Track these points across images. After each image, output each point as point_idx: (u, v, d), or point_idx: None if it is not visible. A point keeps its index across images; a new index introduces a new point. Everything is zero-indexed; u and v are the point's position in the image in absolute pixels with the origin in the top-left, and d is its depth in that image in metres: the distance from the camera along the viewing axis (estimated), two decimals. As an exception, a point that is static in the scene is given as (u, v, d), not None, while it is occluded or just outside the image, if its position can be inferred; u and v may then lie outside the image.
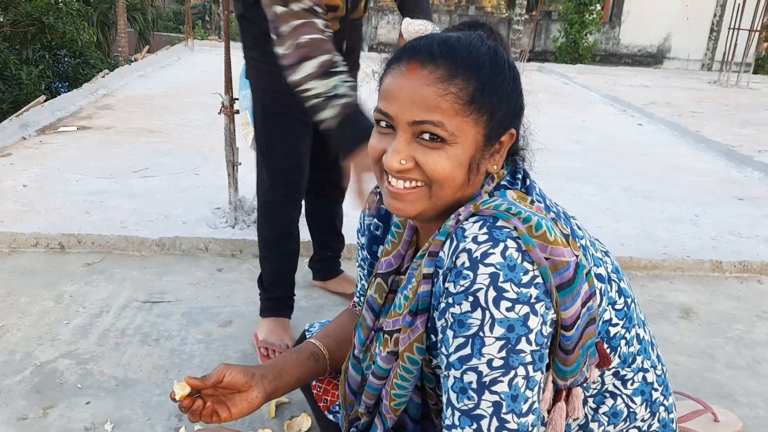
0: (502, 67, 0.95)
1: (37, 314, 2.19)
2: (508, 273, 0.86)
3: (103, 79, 6.75)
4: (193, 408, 1.08)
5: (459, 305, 0.88)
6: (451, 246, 0.91)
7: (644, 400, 1.09)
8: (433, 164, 0.94)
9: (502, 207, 0.91)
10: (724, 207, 3.79)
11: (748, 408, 1.92)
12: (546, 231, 0.89)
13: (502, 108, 0.95)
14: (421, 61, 0.93)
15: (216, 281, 2.52)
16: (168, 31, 23.11)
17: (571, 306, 0.90)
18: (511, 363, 0.87)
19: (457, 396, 0.90)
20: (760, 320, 2.48)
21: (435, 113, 0.91)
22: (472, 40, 0.96)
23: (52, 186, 3.40)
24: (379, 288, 1.15)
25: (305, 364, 1.26)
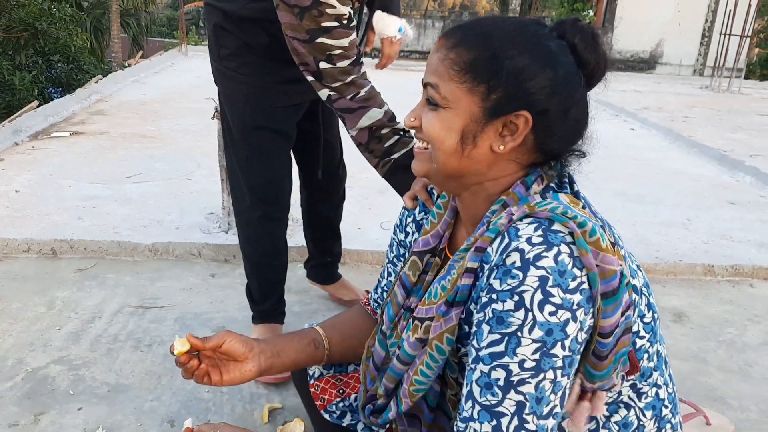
0: (520, 45, 0.94)
1: (29, 320, 2.18)
2: (558, 278, 0.86)
3: (97, 85, 6.74)
4: (188, 366, 1.11)
5: (503, 302, 0.88)
6: (501, 243, 0.91)
7: (654, 415, 1.09)
8: (426, 123, 1.00)
9: (558, 210, 0.90)
10: (716, 211, 3.81)
11: (739, 411, 1.92)
12: (599, 238, 0.88)
13: (506, 84, 0.94)
14: (447, 34, 1.00)
15: (209, 287, 2.52)
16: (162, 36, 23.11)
17: (611, 315, 0.90)
18: (542, 366, 0.87)
19: (481, 390, 0.90)
20: (752, 324, 2.49)
21: (434, 76, 0.98)
22: (501, 20, 0.98)
23: (45, 192, 3.39)
24: (413, 265, 1.16)
25: (305, 349, 1.28)
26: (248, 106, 1.83)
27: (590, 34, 0.98)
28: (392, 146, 1.52)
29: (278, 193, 1.97)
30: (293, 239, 2.87)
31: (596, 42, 0.98)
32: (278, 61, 1.73)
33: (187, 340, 1.10)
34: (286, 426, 1.69)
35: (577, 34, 0.97)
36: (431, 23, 18.28)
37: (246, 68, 1.80)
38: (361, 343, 1.28)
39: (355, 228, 3.08)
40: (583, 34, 0.97)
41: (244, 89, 1.82)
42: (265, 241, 2.02)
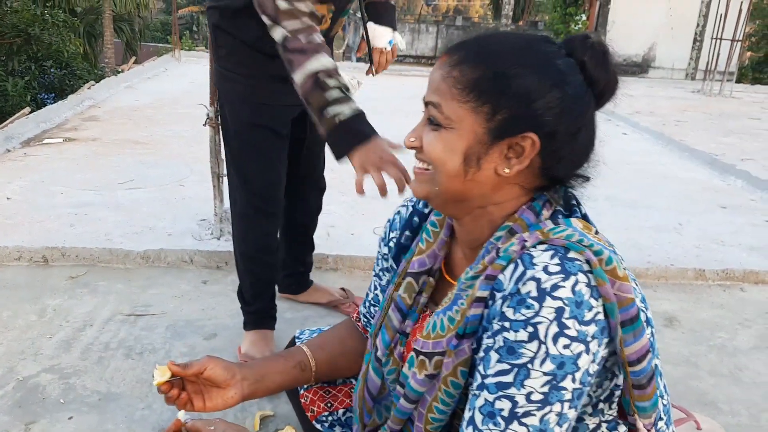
0: (528, 64, 0.90)
1: (20, 328, 2.17)
2: (574, 309, 0.83)
3: (89, 91, 6.73)
4: (169, 394, 1.10)
5: (515, 332, 0.85)
6: (515, 271, 0.87)
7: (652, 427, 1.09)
8: (428, 144, 0.95)
9: (574, 238, 0.87)
10: (707, 215, 3.83)
11: (730, 415, 1.93)
12: (616, 266, 0.86)
13: (512, 104, 0.90)
14: (449, 50, 0.96)
15: (201, 294, 2.51)
16: (155, 41, 23.09)
17: (634, 342, 0.87)
18: (550, 399, 0.85)
19: (483, 419, 0.88)
20: (742, 328, 2.50)
21: (436, 95, 0.94)
22: (507, 36, 0.95)
23: (36, 198, 3.38)
24: (409, 287, 1.12)
25: (290, 372, 1.25)
26: (245, 104, 1.89)
27: (601, 51, 0.93)
28: (336, 100, 1.48)
29: (272, 188, 2.00)
30: (286, 245, 2.88)
31: (607, 60, 0.94)
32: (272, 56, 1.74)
33: (167, 368, 1.09)
34: (277, 434, 1.69)
35: (587, 52, 0.93)
36: (425, 28, 18.33)
37: (242, 67, 1.86)
38: (349, 362, 1.25)
39: (347, 234, 3.08)
40: (594, 52, 0.93)
41: (240, 88, 1.88)
42: (260, 236, 2.04)
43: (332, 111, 1.47)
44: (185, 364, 1.11)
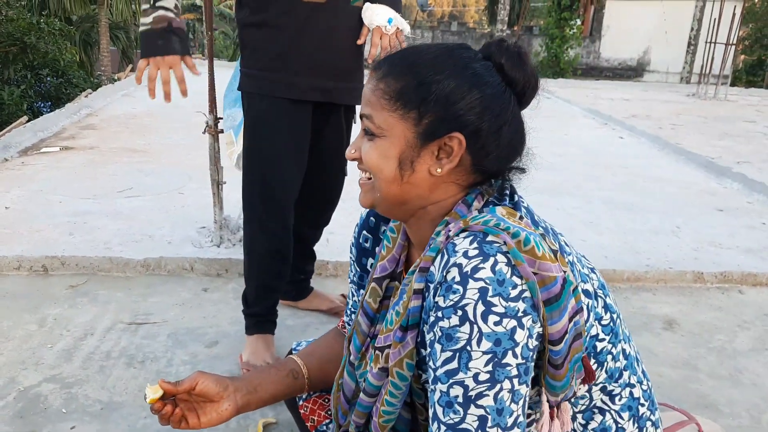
0: (446, 69, 0.97)
1: (20, 338, 2.17)
2: (497, 287, 0.87)
3: (86, 99, 6.74)
4: (163, 412, 1.10)
5: (448, 319, 0.89)
6: (441, 261, 0.93)
7: (632, 416, 1.10)
8: (365, 153, 1.02)
9: (491, 222, 0.93)
10: (704, 218, 3.84)
11: (731, 418, 1.94)
12: (534, 246, 0.90)
13: (436, 108, 0.96)
14: (376, 66, 1.03)
15: (202, 301, 2.51)
16: (151, 49, 23.07)
17: (558, 321, 0.91)
18: (497, 377, 0.88)
19: (443, 410, 0.91)
20: (741, 330, 2.51)
21: (367, 107, 1.01)
22: (425, 48, 1.01)
23: (35, 208, 3.38)
24: (373, 293, 1.16)
25: (283, 381, 1.27)
26: (264, 100, 1.89)
27: (516, 53, 1.00)
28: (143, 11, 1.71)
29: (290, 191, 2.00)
30: (285, 252, 2.88)
31: (523, 60, 1.00)
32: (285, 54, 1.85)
33: (159, 386, 1.09)
34: (280, 441, 1.69)
35: (503, 55, 0.99)
36: (421, 33, 18.39)
37: (260, 63, 1.89)
38: (338, 368, 1.26)
39: (347, 240, 3.08)
40: (509, 54, 1.00)
41: (256, 83, 1.90)
42: (273, 241, 2.02)
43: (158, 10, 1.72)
44: (176, 382, 1.12)
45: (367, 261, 1.27)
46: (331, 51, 1.88)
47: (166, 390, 1.10)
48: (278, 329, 2.30)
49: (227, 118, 2.66)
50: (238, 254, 2.82)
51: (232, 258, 2.77)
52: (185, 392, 1.13)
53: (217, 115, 2.79)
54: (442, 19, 20.42)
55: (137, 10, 17.51)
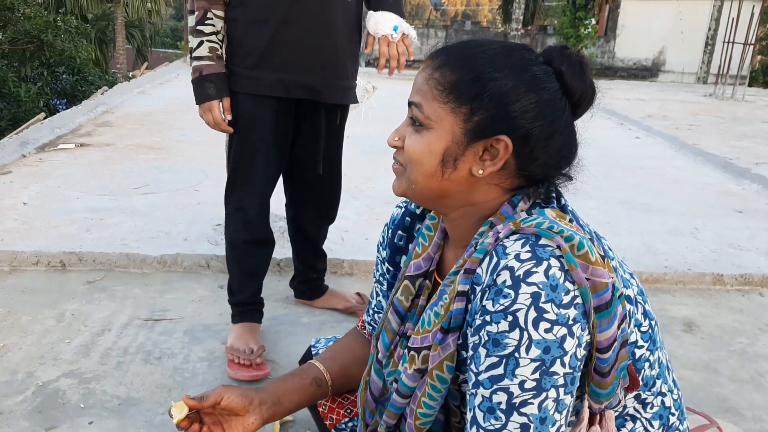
0: (505, 68, 0.94)
1: (39, 333, 2.18)
2: (550, 293, 0.85)
3: (102, 96, 6.78)
4: (190, 430, 1.10)
5: (497, 324, 0.87)
6: (490, 263, 0.90)
7: (662, 425, 1.09)
8: (409, 143, 0.99)
9: (544, 225, 0.90)
10: (723, 220, 3.80)
11: (753, 422, 1.91)
12: (588, 251, 0.88)
13: (489, 106, 0.93)
14: (433, 54, 1.00)
15: (218, 298, 2.51)
16: (165, 47, 23.23)
17: (607, 328, 0.89)
18: (544, 385, 0.86)
19: (484, 415, 0.89)
20: (762, 333, 2.48)
21: (418, 95, 0.98)
22: (486, 42, 0.98)
23: (52, 204, 3.40)
24: (406, 290, 1.14)
25: (307, 389, 1.26)
26: (247, 98, 1.91)
27: (578, 62, 0.97)
28: (194, 49, 1.82)
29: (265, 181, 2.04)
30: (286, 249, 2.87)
31: (583, 70, 0.97)
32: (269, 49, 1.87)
33: (184, 403, 1.08)
34: (297, 439, 1.69)
35: (564, 62, 0.97)
36: (434, 32, 18.35)
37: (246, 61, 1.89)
38: (361, 370, 1.25)
39: (362, 238, 3.08)
40: (571, 62, 0.97)
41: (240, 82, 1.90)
42: (255, 229, 2.07)
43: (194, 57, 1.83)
44: (201, 397, 1.11)
45: (401, 258, 1.24)
46: (317, 46, 1.87)
47: (191, 406, 1.09)
48: (294, 326, 2.31)
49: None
50: (254, 252, 2.82)
51: (248, 255, 2.77)
52: (210, 407, 1.12)
53: (234, 113, 2.78)
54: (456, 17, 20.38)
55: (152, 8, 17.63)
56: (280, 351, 2.14)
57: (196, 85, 1.87)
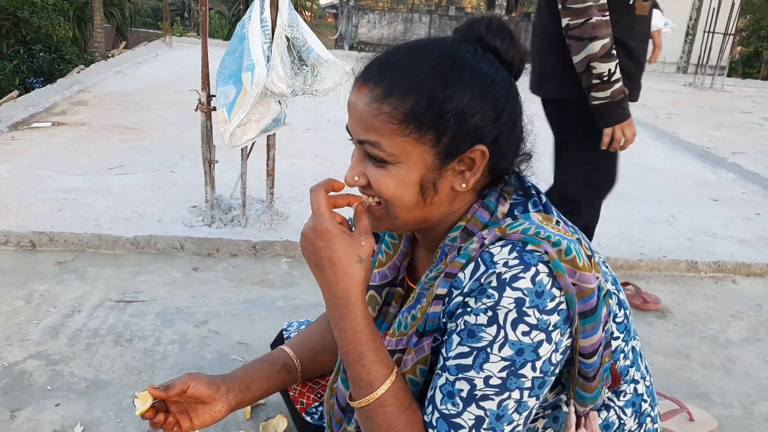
0: (455, 81, 0.89)
1: (6, 314, 2.14)
2: (535, 299, 0.84)
3: (78, 75, 6.64)
4: (155, 421, 1.07)
5: (476, 316, 0.86)
6: (476, 270, 0.88)
7: (634, 411, 1.09)
8: (378, 183, 0.92)
9: (531, 231, 0.88)
10: (699, 208, 3.83)
11: (722, 407, 1.93)
12: (575, 256, 0.86)
13: (456, 124, 0.89)
14: (364, 78, 0.92)
15: (191, 281, 2.48)
16: (146, 27, 22.84)
17: (592, 334, 0.88)
18: (509, 385, 0.86)
19: (443, 398, 0.89)
20: (734, 320, 2.51)
21: (371, 133, 0.90)
22: (419, 52, 0.92)
23: (24, 183, 3.32)
24: (372, 300, 1.11)
25: (276, 376, 1.24)
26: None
27: (507, 32, 0.95)
28: (594, 85, 1.88)
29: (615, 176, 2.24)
30: (278, 233, 2.85)
31: (514, 38, 0.95)
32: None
33: (148, 393, 1.05)
34: (268, 422, 1.67)
35: (496, 37, 0.93)
36: (418, 17, 18.25)
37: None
38: (331, 357, 1.23)
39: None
40: (502, 35, 0.94)
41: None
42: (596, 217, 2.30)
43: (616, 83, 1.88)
44: (166, 386, 1.08)
45: None
46: (645, 57, 2.10)
47: (156, 396, 1.06)
48: (269, 310, 2.29)
49: (220, 96, 2.61)
50: (229, 234, 2.79)
51: (223, 238, 2.74)
52: (176, 396, 1.09)
53: (209, 93, 2.74)
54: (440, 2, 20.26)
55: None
56: (254, 334, 2.11)
57: (618, 105, 1.91)
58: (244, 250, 2.74)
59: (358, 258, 0.92)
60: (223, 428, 1.65)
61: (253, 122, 2.54)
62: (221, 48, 3.01)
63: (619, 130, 1.95)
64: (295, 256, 2.74)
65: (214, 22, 21.31)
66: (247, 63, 2.45)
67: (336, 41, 18.69)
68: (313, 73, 2.60)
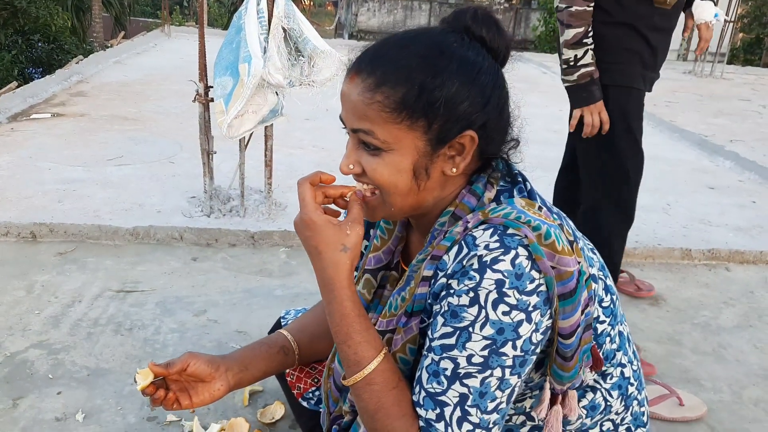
0: (444, 69, 0.92)
1: (8, 304, 2.17)
2: (515, 281, 0.88)
3: (77, 66, 6.65)
4: (155, 397, 1.11)
5: (458, 297, 0.90)
6: (459, 253, 0.92)
7: (620, 394, 1.12)
8: (373, 170, 0.96)
9: (512, 215, 0.91)
10: (695, 196, 3.85)
11: (712, 392, 1.96)
12: (555, 240, 0.89)
13: (446, 111, 0.93)
14: (357, 69, 0.96)
15: (191, 270, 2.51)
16: (145, 16, 22.74)
17: (571, 315, 0.92)
18: (490, 363, 0.89)
19: (428, 377, 0.92)
20: (726, 307, 2.54)
21: (365, 122, 0.94)
22: (409, 43, 0.96)
23: (24, 174, 3.35)
24: (367, 284, 1.16)
25: (274, 357, 1.28)
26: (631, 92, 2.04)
27: (493, 21, 0.98)
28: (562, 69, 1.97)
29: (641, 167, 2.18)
30: (276, 223, 2.88)
31: (499, 27, 0.98)
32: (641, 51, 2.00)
33: (149, 370, 1.09)
34: (266, 409, 1.70)
35: (482, 26, 0.97)
36: (418, 5, 18.16)
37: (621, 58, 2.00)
38: (328, 342, 1.27)
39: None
40: (487, 24, 0.97)
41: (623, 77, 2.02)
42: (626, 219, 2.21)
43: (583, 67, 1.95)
44: (167, 364, 1.12)
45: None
46: (666, 48, 2.08)
47: (157, 373, 1.10)
48: (267, 299, 2.32)
49: (218, 87, 2.62)
50: (228, 224, 2.81)
51: (222, 228, 2.77)
52: (176, 374, 1.13)
53: (207, 84, 2.76)
54: (440, -10, 20.16)
55: (130, -25, 17.20)
56: (252, 323, 2.15)
57: (583, 88, 1.97)
58: (242, 240, 2.77)
59: (342, 246, 0.96)
60: (222, 414, 1.69)
61: (251, 113, 2.56)
62: (220, 37, 3.01)
63: (588, 113, 1.99)
64: (293, 246, 2.77)
65: (213, 10, 21.21)
66: (244, 54, 2.47)
67: (335, 30, 18.62)
68: (309, 63, 2.62)
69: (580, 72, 1.95)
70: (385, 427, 0.95)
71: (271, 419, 1.67)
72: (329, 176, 1.01)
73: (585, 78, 1.96)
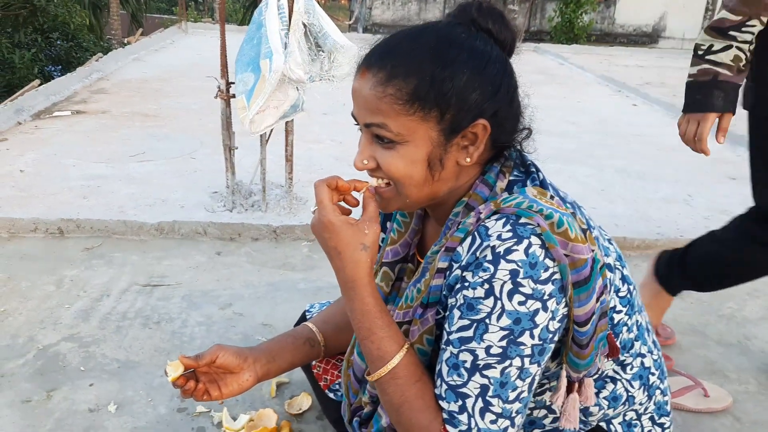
0: (454, 60, 0.94)
1: (39, 298, 2.21)
2: (529, 270, 0.88)
3: (97, 63, 6.72)
4: (186, 388, 1.14)
5: (473, 289, 0.91)
6: (473, 244, 0.93)
7: (642, 384, 1.12)
8: (388, 164, 0.98)
9: (524, 204, 0.92)
10: (716, 187, 3.82)
11: (738, 383, 1.96)
12: (567, 228, 0.90)
13: (458, 100, 0.94)
14: (367, 64, 0.97)
15: (215, 265, 2.55)
16: (161, 13, 22.88)
17: (586, 303, 0.92)
18: (509, 353, 0.90)
19: (449, 370, 0.94)
20: (751, 298, 2.52)
21: (377, 115, 0.95)
22: (417, 36, 0.97)
23: (49, 171, 3.40)
24: (385, 276, 1.18)
25: (300, 349, 1.30)
26: None
27: (498, 14, 0.99)
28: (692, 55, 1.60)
29: None
30: (297, 217, 2.90)
31: (505, 19, 1.00)
32: None
33: (179, 362, 1.12)
34: (293, 400, 1.73)
35: (488, 19, 0.98)
36: (431, -2, 18.07)
37: None
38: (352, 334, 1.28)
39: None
40: (494, 17, 0.99)
41: None
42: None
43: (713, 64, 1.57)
44: (197, 356, 1.15)
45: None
46: None
47: (187, 365, 1.13)
48: (291, 292, 2.34)
49: (239, 83, 2.65)
50: (250, 219, 2.84)
51: (245, 223, 2.80)
52: (206, 366, 1.15)
53: (228, 80, 2.78)
54: (455, -17, 20.08)
55: (146, -28, 17.30)
56: (277, 316, 2.17)
57: (699, 89, 1.61)
58: (265, 235, 2.80)
59: (361, 246, 0.98)
60: (250, 405, 1.71)
61: (272, 108, 2.58)
62: (236, 33, 3.04)
63: (685, 122, 1.69)
64: (314, 240, 2.79)
65: (228, 5, 21.30)
66: (265, 50, 2.49)
67: (350, 24, 18.61)
68: (329, 59, 2.63)
69: (701, 66, 1.59)
70: (410, 420, 0.97)
71: (299, 410, 1.70)
72: (346, 184, 1.03)
73: (706, 75, 1.59)
